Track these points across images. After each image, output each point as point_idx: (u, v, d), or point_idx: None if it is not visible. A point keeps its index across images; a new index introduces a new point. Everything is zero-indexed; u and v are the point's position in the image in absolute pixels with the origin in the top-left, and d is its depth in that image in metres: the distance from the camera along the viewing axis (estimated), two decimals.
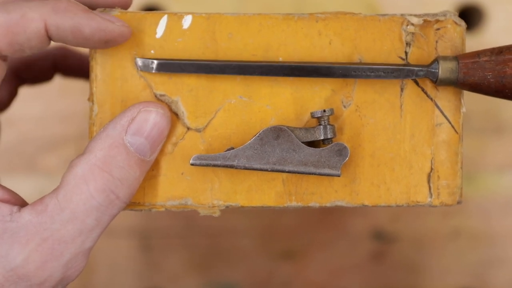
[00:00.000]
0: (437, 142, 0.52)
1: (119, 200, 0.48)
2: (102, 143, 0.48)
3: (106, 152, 0.48)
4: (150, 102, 0.50)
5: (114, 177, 0.48)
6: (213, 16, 0.52)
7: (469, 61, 0.50)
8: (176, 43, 0.52)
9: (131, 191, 0.49)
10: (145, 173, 0.50)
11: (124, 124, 0.49)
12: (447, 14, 0.52)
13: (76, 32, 0.48)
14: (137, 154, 0.49)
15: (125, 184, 0.48)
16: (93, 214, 0.47)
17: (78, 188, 0.47)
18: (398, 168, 0.52)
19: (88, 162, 0.48)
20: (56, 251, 0.47)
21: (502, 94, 0.50)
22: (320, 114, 0.50)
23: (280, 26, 0.52)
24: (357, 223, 0.82)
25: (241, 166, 0.50)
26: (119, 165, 0.48)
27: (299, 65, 0.51)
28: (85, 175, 0.47)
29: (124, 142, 0.48)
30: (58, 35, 0.48)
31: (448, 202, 0.53)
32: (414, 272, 0.83)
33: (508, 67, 0.49)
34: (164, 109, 0.50)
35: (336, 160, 0.50)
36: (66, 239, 0.47)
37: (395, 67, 0.51)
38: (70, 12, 0.48)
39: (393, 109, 0.52)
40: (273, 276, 0.83)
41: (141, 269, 0.82)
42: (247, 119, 0.52)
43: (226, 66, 0.51)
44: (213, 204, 0.52)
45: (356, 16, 0.52)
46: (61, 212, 0.47)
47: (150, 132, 0.49)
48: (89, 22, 0.48)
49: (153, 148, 0.49)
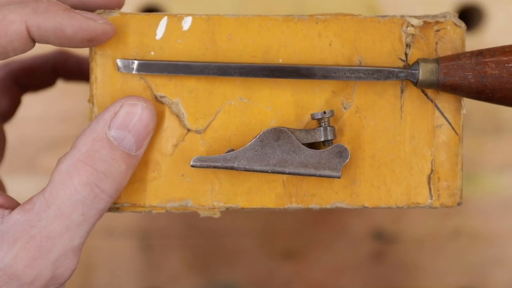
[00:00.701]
0: (437, 144, 0.52)
1: (104, 194, 0.48)
2: (86, 138, 0.48)
3: (90, 146, 0.48)
4: (133, 96, 0.50)
5: (98, 171, 0.47)
6: (213, 17, 0.52)
7: (449, 62, 0.50)
8: (176, 45, 0.52)
9: (117, 185, 0.48)
10: (132, 168, 0.49)
11: (107, 118, 0.48)
12: (447, 15, 0.52)
13: (58, 32, 0.48)
14: (122, 148, 0.48)
15: (110, 178, 0.48)
16: (79, 209, 0.47)
17: (63, 183, 0.47)
18: (399, 169, 0.52)
19: (72, 158, 0.48)
20: (44, 248, 0.47)
21: (484, 95, 0.49)
22: (320, 115, 0.50)
23: (280, 28, 0.52)
24: (357, 224, 0.82)
25: (241, 167, 0.50)
26: (103, 159, 0.48)
27: (279, 66, 0.51)
28: (70, 170, 0.47)
29: (108, 136, 0.48)
30: (40, 35, 0.48)
31: (449, 204, 0.53)
32: (414, 272, 0.83)
33: (488, 67, 0.49)
34: (148, 102, 0.50)
35: (337, 162, 0.50)
36: (53, 235, 0.47)
37: (375, 69, 0.51)
38: (51, 12, 0.48)
39: (393, 111, 0.52)
40: (273, 276, 0.83)
41: (141, 269, 0.82)
42: (247, 120, 0.52)
43: (205, 67, 0.51)
44: (213, 205, 0.52)
45: (356, 17, 0.52)
46: (47, 209, 0.47)
47: (134, 126, 0.49)
48: (71, 21, 0.48)
49: (138, 142, 0.49)
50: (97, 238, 0.81)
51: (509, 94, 0.49)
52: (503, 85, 0.49)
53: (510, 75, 0.49)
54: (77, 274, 0.81)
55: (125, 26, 0.52)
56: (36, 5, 0.48)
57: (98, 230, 0.81)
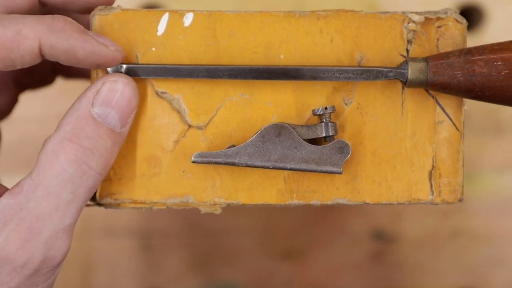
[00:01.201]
0: (439, 140, 0.52)
1: (92, 170, 0.48)
2: (70, 117, 0.48)
3: (74, 125, 0.48)
4: (113, 73, 0.50)
5: (84, 147, 0.47)
6: (214, 13, 0.52)
7: (438, 61, 0.50)
8: (178, 41, 0.52)
9: (104, 161, 0.48)
10: (118, 145, 0.49)
11: (90, 96, 0.48)
12: (448, 11, 0.52)
13: (69, 53, 0.48)
14: (106, 124, 0.48)
15: (97, 154, 0.48)
16: (67, 187, 0.47)
17: (50, 163, 0.47)
18: (400, 165, 0.52)
19: (58, 137, 0.47)
20: (35, 229, 0.47)
21: (473, 94, 0.49)
22: (321, 111, 0.50)
23: (281, 24, 0.52)
24: (357, 223, 0.82)
25: (242, 163, 0.50)
26: (88, 136, 0.47)
27: (267, 68, 0.51)
28: (55, 150, 0.47)
29: (91, 113, 0.48)
30: (52, 54, 0.48)
31: (450, 200, 0.52)
32: (414, 272, 0.83)
33: (477, 66, 0.49)
34: (129, 78, 0.50)
35: (338, 158, 0.50)
36: (43, 215, 0.47)
37: (364, 69, 0.51)
38: (66, 32, 0.48)
39: (394, 107, 0.52)
40: (273, 276, 0.83)
41: (141, 269, 0.82)
42: (248, 116, 0.52)
43: (194, 70, 0.51)
44: (214, 202, 0.52)
45: (358, 13, 0.52)
46: (35, 189, 0.47)
47: (117, 102, 0.49)
48: (84, 44, 0.48)
49: (122, 118, 0.49)
50: (97, 238, 0.81)
51: (498, 93, 0.49)
52: (492, 84, 0.49)
53: (499, 73, 0.49)
54: (77, 274, 0.81)
55: (127, 22, 0.52)
56: (52, 23, 0.48)
57: (98, 230, 0.81)
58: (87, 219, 0.80)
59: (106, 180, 0.52)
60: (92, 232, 0.81)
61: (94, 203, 0.52)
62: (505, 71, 0.48)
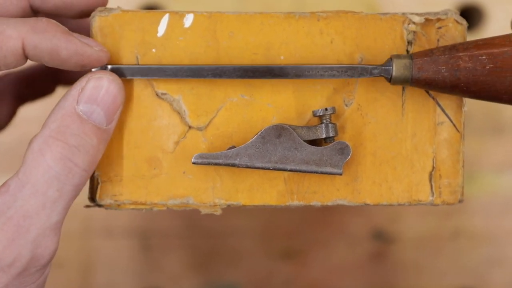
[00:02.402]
0: (439, 141, 0.52)
1: (78, 167, 0.47)
2: (55, 115, 0.48)
3: (59, 122, 0.47)
4: (98, 71, 0.50)
5: (70, 145, 0.47)
6: (215, 15, 0.52)
7: (422, 57, 0.49)
8: (178, 42, 0.52)
9: (90, 159, 0.48)
10: (104, 142, 0.49)
11: (74, 94, 0.48)
12: (449, 12, 0.52)
13: (53, 53, 0.48)
14: (92, 121, 0.48)
15: (82, 151, 0.47)
16: (53, 185, 0.47)
17: (36, 161, 0.47)
18: (400, 166, 0.52)
19: (43, 135, 0.47)
20: (22, 228, 0.46)
21: (458, 89, 0.49)
22: (322, 112, 0.50)
23: (282, 25, 0.52)
24: (357, 223, 0.82)
25: (243, 164, 0.50)
26: (74, 133, 0.47)
27: (252, 67, 0.51)
28: (41, 148, 0.47)
29: (77, 111, 0.48)
30: (35, 55, 0.48)
31: (450, 201, 0.53)
32: (414, 272, 0.83)
33: (461, 60, 0.48)
34: (114, 75, 0.49)
35: (338, 159, 0.50)
36: (30, 214, 0.46)
37: (348, 66, 0.50)
38: (49, 33, 0.48)
39: (394, 108, 0.52)
40: (273, 276, 0.83)
41: (141, 269, 0.82)
42: (248, 117, 0.52)
43: (178, 70, 0.51)
44: (214, 203, 0.52)
45: (358, 14, 0.52)
46: (22, 188, 0.46)
47: (102, 99, 0.48)
48: (67, 45, 0.48)
49: (108, 115, 0.49)
50: (97, 238, 0.81)
51: (483, 87, 0.49)
52: (477, 78, 0.48)
53: (483, 67, 0.48)
54: (77, 274, 0.81)
55: (127, 23, 0.52)
56: (35, 24, 0.48)
57: (98, 230, 0.81)
58: (87, 219, 0.80)
59: (107, 181, 0.52)
60: (92, 232, 0.81)
61: (94, 204, 0.52)
62: (489, 65, 0.48)
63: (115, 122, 0.50)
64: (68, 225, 0.80)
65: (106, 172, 0.52)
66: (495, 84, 0.48)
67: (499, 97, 0.49)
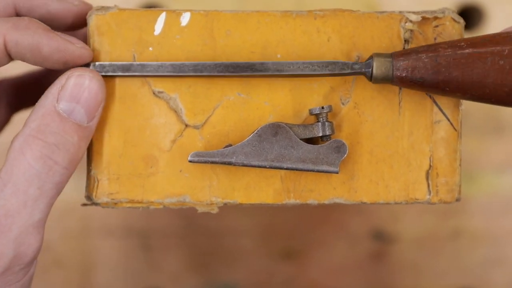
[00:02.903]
0: (436, 140, 0.52)
1: (58, 165, 0.48)
2: (35, 114, 0.48)
3: (40, 121, 0.48)
4: (78, 68, 0.50)
5: (49, 143, 0.47)
6: (211, 13, 0.52)
7: (403, 56, 0.49)
8: (175, 40, 0.52)
9: (70, 156, 0.48)
10: (86, 139, 0.49)
11: (54, 92, 0.48)
12: (446, 11, 0.52)
13: (34, 50, 0.48)
14: (72, 120, 0.48)
15: (62, 150, 0.48)
16: (34, 183, 0.47)
17: (17, 160, 0.47)
18: (397, 165, 0.52)
19: (24, 134, 0.48)
20: (4, 227, 0.47)
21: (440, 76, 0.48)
22: (318, 111, 0.50)
23: (279, 23, 0.52)
24: (357, 223, 0.82)
25: (239, 163, 0.50)
26: (53, 132, 0.48)
27: (233, 63, 0.51)
28: (22, 146, 0.47)
29: (57, 109, 0.48)
30: (17, 52, 0.48)
31: (447, 200, 0.52)
32: (414, 272, 0.83)
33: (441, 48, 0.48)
34: (94, 72, 0.49)
35: (335, 157, 0.50)
36: (12, 212, 0.47)
37: (329, 61, 0.50)
38: (30, 29, 0.48)
39: (391, 106, 0.52)
40: (273, 276, 0.83)
41: (140, 269, 0.82)
42: (245, 116, 0.52)
43: (159, 66, 0.51)
44: (211, 201, 0.52)
45: (355, 13, 0.52)
46: (4, 187, 0.47)
47: (82, 97, 0.49)
48: (49, 41, 0.48)
49: (89, 113, 0.49)
50: (97, 238, 0.81)
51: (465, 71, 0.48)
52: (457, 61, 0.48)
53: (463, 50, 0.48)
54: (77, 274, 0.81)
55: (124, 22, 0.52)
56: (17, 21, 0.48)
57: (98, 230, 0.81)
58: (86, 219, 0.80)
59: (103, 179, 0.52)
60: (91, 232, 0.81)
61: (91, 202, 0.52)
62: (468, 49, 0.48)
63: (97, 119, 0.50)
64: (68, 225, 0.80)
65: (103, 170, 0.52)
66: (476, 67, 0.48)
67: (482, 82, 0.48)
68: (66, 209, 0.79)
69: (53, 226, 0.79)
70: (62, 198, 0.52)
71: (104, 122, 0.52)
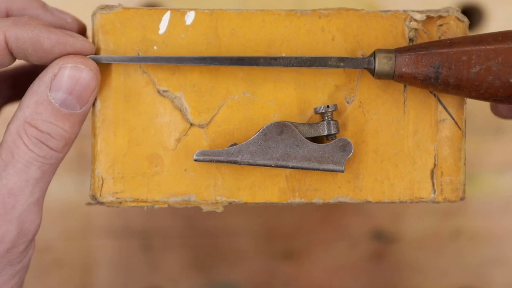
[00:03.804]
0: (441, 138, 0.52)
1: (54, 151, 0.49)
2: (29, 100, 0.49)
3: (33, 109, 0.49)
4: (70, 57, 0.50)
5: (43, 132, 0.49)
6: (216, 12, 0.52)
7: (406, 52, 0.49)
8: (179, 39, 0.52)
9: (64, 142, 0.50)
10: (79, 123, 0.50)
11: (47, 81, 0.49)
12: (450, 10, 0.52)
13: (36, 44, 0.49)
14: (64, 109, 0.49)
15: (56, 137, 0.49)
16: (34, 165, 0.49)
17: (15, 143, 0.49)
18: (402, 164, 0.52)
19: (19, 119, 0.49)
20: (8, 204, 0.48)
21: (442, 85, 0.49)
22: (323, 109, 0.50)
23: (283, 22, 0.52)
24: (358, 223, 0.82)
25: (244, 161, 0.50)
26: (46, 120, 0.49)
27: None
28: (19, 131, 0.49)
29: (49, 98, 0.49)
30: (18, 47, 0.49)
31: (452, 198, 0.52)
32: (414, 272, 0.83)
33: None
34: (87, 62, 0.50)
35: (340, 156, 0.50)
36: (14, 191, 0.48)
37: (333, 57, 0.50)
38: (30, 25, 0.49)
39: (396, 105, 0.52)
40: (274, 276, 0.82)
41: (141, 269, 0.82)
42: (250, 115, 0.52)
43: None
44: (216, 200, 0.52)
45: (359, 12, 0.52)
46: (6, 167, 0.49)
47: (74, 88, 0.49)
48: (49, 35, 0.49)
49: (81, 101, 0.50)
50: (97, 238, 0.81)
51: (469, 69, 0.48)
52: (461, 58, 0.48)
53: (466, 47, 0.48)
54: (77, 274, 0.81)
55: (128, 21, 0.52)
56: (16, 19, 0.49)
57: (98, 230, 0.81)
58: (87, 219, 0.80)
59: (108, 178, 0.52)
60: (92, 231, 0.81)
61: (96, 202, 0.52)
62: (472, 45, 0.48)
63: (90, 104, 0.50)
64: (68, 224, 0.80)
65: (108, 169, 0.52)
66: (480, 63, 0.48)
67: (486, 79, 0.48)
68: (66, 209, 0.79)
69: (53, 226, 0.79)
70: (62, 198, 0.52)
71: (109, 121, 0.52)
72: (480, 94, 0.49)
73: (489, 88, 0.49)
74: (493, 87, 0.49)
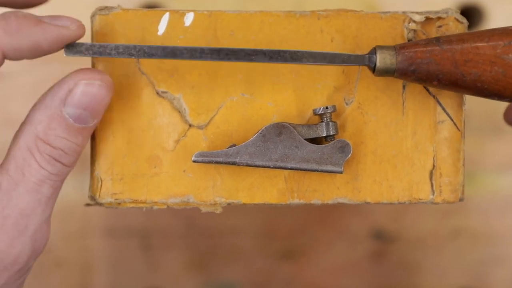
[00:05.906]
0: (439, 139, 0.52)
1: (66, 167, 0.49)
2: (42, 114, 0.48)
3: (46, 124, 0.48)
4: (87, 71, 0.49)
5: (57, 148, 0.48)
6: (215, 13, 0.52)
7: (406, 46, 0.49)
8: (178, 41, 0.52)
9: (76, 156, 0.49)
10: (88, 136, 0.50)
11: (62, 96, 0.48)
12: (449, 11, 0.52)
13: (34, 49, 0.48)
14: (78, 124, 0.48)
15: (69, 153, 0.49)
16: (46, 183, 0.48)
17: (26, 161, 0.48)
18: (400, 165, 0.52)
19: (31, 135, 0.48)
20: (21, 226, 0.48)
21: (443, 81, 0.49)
22: (322, 111, 0.50)
23: (282, 24, 0.52)
24: (357, 223, 0.82)
25: (243, 163, 0.50)
26: (60, 136, 0.48)
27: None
28: (30, 147, 0.48)
29: (63, 114, 0.48)
30: (16, 56, 0.48)
31: (450, 199, 0.52)
32: (414, 272, 0.83)
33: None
34: (103, 78, 0.49)
35: (339, 157, 0.50)
36: (27, 212, 0.48)
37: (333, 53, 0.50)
38: (23, 30, 0.47)
39: (395, 106, 0.52)
40: (273, 276, 0.82)
41: (141, 269, 0.82)
42: (249, 116, 0.52)
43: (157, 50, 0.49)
44: (215, 201, 0.52)
45: (358, 13, 0.52)
46: (16, 187, 0.48)
47: (89, 104, 0.48)
48: (46, 35, 0.47)
49: (94, 115, 0.49)
50: (97, 238, 0.81)
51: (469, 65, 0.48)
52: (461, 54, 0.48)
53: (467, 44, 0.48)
54: (77, 274, 0.81)
55: (127, 22, 0.52)
56: (6, 25, 0.47)
57: (98, 230, 0.81)
58: (87, 219, 0.80)
59: (107, 179, 0.52)
60: (92, 232, 0.81)
61: (95, 202, 0.52)
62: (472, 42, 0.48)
63: (100, 117, 0.50)
64: (68, 225, 0.80)
65: (107, 170, 0.52)
66: (480, 60, 0.48)
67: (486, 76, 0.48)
68: (66, 209, 0.79)
69: (53, 226, 0.78)
70: (62, 198, 0.52)
71: (108, 123, 0.52)
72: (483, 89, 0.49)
73: (491, 84, 0.49)
74: (496, 83, 0.49)
